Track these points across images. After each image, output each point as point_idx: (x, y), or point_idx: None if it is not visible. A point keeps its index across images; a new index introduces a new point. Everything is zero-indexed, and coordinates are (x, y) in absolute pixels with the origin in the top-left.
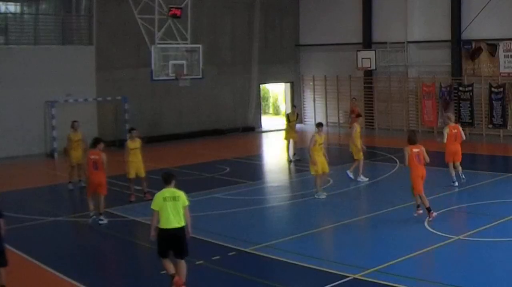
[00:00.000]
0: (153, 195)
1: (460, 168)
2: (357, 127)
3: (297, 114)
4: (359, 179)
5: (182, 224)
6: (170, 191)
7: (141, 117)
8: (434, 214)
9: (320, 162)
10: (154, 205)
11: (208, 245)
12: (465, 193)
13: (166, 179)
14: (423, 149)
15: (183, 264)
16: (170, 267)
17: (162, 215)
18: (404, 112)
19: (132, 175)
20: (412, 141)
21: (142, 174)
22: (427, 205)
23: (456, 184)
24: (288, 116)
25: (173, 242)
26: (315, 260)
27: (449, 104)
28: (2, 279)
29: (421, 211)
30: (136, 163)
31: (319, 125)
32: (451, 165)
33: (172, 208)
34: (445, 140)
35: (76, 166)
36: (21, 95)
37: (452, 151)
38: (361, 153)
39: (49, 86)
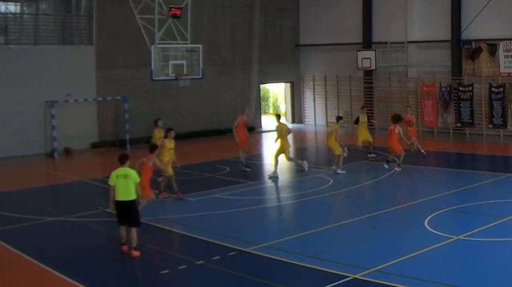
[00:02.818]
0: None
1: None
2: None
3: (368, 115)
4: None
5: (132, 197)
6: (123, 170)
7: (141, 117)
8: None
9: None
10: (110, 181)
11: (208, 245)
12: (465, 193)
13: (121, 160)
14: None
15: (132, 231)
16: (122, 235)
17: (116, 190)
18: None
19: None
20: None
21: (171, 172)
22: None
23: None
24: (358, 118)
25: (123, 212)
26: (315, 260)
27: (449, 104)
28: None
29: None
30: (170, 162)
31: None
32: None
33: (123, 184)
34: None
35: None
36: (21, 95)
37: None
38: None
39: (49, 86)
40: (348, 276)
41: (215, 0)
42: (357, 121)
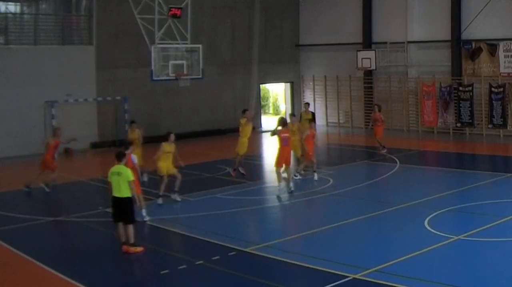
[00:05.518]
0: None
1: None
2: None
3: (312, 113)
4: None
5: (124, 195)
6: (117, 167)
7: (141, 117)
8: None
9: (165, 167)
10: (108, 177)
11: (208, 245)
12: (465, 193)
13: (117, 157)
14: None
15: (129, 227)
16: (121, 234)
17: (111, 186)
18: (404, 112)
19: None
20: None
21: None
22: None
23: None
24: (301, 115)
25: (116, 208)
26: (315, 260)
27: (449, 104)
28: None
29: None
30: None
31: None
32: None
33: (115, 181)
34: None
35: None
36: (21, 95)
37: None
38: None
39: (49, 86)
40: (348, 276)
41: (215, 0)
42: (300, 118)
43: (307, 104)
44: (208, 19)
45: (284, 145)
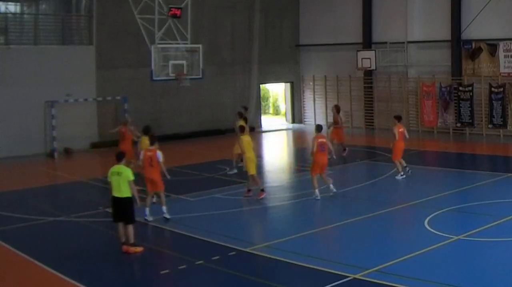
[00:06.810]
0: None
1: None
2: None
3: (245, 117)
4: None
5: (124, 195)
6: (117, 167)
7: (141, 117)
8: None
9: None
10: (108, 177)
11: (208, 245)
12: (465, 193)
13: (117, 157)
14: None
15: (129, 227)
16: (121, 234)
17: (111, 186)
18: (404, 112)
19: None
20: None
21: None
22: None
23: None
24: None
25: (116, 208)
26: (315, 260)
27: (449, 104)
28: None
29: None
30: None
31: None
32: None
33: (115, 181)
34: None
35: None
36: (21, 95)
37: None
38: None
39: (49, 86)
40: (348, 276)
41: (215, 0)
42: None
43: (245, 108)
44: (208, 19)
45: (321, 150)
